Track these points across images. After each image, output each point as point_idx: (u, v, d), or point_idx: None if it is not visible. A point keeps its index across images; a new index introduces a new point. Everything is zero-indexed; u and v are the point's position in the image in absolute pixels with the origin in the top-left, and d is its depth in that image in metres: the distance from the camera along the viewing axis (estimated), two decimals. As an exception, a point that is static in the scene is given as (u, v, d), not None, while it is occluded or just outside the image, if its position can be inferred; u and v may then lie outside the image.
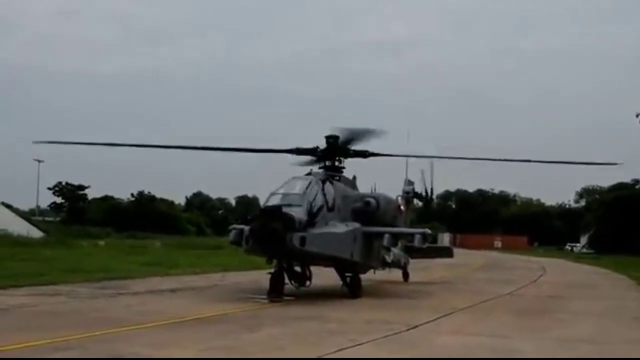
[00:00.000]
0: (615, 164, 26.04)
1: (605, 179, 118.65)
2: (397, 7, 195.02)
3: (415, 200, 30.94)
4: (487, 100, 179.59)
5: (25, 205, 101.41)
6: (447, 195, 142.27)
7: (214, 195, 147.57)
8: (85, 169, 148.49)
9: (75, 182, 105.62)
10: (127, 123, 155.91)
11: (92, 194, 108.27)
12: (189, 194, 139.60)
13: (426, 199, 30.37)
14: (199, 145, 25.14)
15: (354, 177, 23.67)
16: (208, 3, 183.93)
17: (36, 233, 64.35)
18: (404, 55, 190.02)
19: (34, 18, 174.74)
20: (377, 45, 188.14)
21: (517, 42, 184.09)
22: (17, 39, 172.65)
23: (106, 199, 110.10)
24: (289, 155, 22.59)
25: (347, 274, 21.71)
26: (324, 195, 20.23)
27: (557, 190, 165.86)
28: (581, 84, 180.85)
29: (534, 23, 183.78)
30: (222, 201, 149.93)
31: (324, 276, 22.88)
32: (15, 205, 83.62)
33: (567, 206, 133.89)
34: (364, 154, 23.00)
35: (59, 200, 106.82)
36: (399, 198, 27.56)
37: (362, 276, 22.60)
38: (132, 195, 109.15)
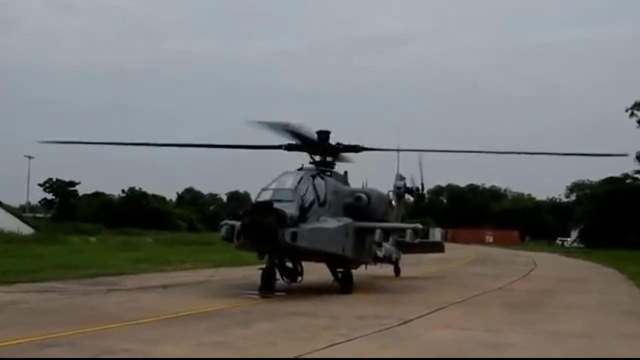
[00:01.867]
0: (624, 155, 24.85)
1: (595, 173, 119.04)
2: (396, 2, 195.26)
3: (407, 196, 30.95)
4: (485, 96, 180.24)
5: (16, 202, 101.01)
6: (438, 190, 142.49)
7: (205, 191, 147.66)
8: (76, 165, 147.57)
9: (66, 179, 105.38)
10: (123, 119, 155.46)
11: (82, 190, 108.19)
12: (180, 190, 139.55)
13: (418, 194, 30.38)
14: (190, 142, 24.83)
15: (346, 173, 23.68)
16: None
17: (27, 229, 64.11)
18: (402, 50, 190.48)
19: (30, 13, 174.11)
20: (376, 40, 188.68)
21: (516, 38, 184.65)
22: (12, 34, 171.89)
23: (97, 195, 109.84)
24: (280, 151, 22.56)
25: (338, 270, 21.73)
26: (316, 190, 20.22)
27: (548, 184, 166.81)
28: (579, 79, 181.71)
29: (533, 19, 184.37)
30: (213, 197, 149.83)
31: (315, 272, 22.89)
32: (5, 201, 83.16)
33: (558, 200, 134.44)
34: (355, 149, 23.02)
35: (49, 196, 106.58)
36: (391, 193, 27.59)
37: (354, 271, 22.61)
38: (123, 191, 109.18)
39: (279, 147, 22.36)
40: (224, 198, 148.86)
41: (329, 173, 22.23)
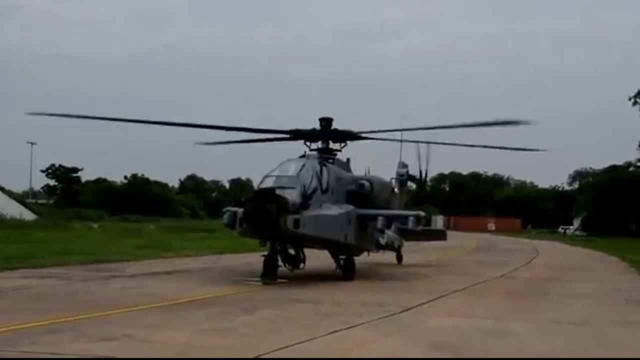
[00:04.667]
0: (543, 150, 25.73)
1: (598, 161, 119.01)
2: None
3: (409, 183, 30.95)
4: (481, 84, 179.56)
5: (19, 188, 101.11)
6: (441, 178, 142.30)
7: (207, 177, 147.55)
8: (79, 151, 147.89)
9: (69, 165, 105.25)
10: (125, 107, 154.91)
11: (85, 176, 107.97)
12: (183, 177, 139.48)
13: (420, 181, 30.37)
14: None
15: (348, 160, 23.65)
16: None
17: (29, 215, 64.27)
18: (401, 38, 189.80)
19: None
20: (375, 27, 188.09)
21: (513, 25, 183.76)
22: (14, 19, 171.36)
23: (99, 181, 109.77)
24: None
25: (341, 257, 21.72)
26: (318, 177, 20.21)
27: (551, 172, 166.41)
28: (577, 66, 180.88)
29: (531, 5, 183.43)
30: (216, 184, 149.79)
31: (318, 259, 22.90)
32: (8, 187, 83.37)
33: (561, 189, 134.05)
34: (357, 136, 22.98)
35: (52, 182, 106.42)
36: (393, 181, 27.58)
37: (356, 258, 22.62)
38: (126, 177, 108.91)
39: (285, 133, 22.35)
40: (227, 185, 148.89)
41: (331, 160, 22.21)
